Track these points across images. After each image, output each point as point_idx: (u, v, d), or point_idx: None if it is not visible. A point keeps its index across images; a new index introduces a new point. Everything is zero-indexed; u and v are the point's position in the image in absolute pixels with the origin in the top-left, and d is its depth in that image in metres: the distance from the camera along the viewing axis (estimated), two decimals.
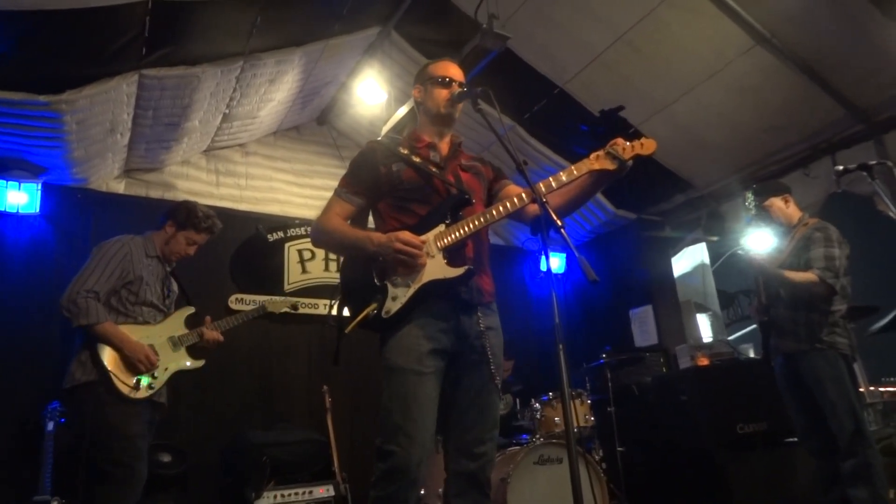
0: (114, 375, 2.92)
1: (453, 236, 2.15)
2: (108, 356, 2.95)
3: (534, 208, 2.12)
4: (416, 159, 2.28)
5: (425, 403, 2.05)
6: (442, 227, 2.17)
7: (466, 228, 2.15)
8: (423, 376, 2.06)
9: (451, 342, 2.14)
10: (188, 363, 3.23)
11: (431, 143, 2.36)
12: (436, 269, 2.14)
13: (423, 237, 2.15)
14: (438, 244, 2.15)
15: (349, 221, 2.31)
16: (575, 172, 2.10)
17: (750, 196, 3.60)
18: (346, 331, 2.15)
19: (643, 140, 2.11)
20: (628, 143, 2.10)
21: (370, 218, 2.42)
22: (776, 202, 3.63)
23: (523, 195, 2.12)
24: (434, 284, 2.12)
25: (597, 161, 2.10)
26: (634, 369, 5.28)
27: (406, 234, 2.11)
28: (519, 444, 4.02)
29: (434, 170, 2.28)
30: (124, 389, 2.93)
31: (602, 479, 3.91)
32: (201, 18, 3.83)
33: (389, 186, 2.26)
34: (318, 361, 5.20)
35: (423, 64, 2.52)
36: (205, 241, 3.41)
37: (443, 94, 2.34)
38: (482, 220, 2.15)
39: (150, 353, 3.04)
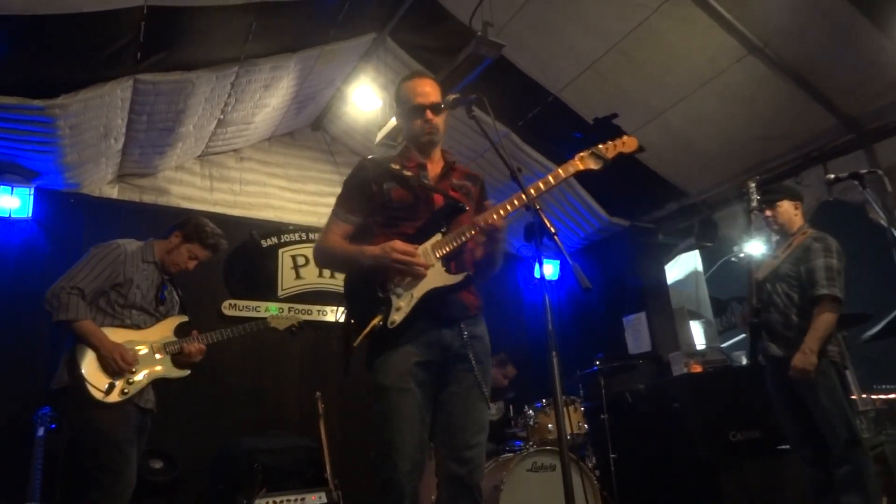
0: (86, 378, 2.86)
1: (452, 244, 2.19)
2: (87, 358, 2.91)
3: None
4: (408, 174, 2.32)
5: (411, 417, 2.10)
6: (439, 237, 2.21)
7: (464, 236, 2.18)
8: (407, 392, 2.11)
9: (436, 354, 2.18)
10: (170, 372, 3.14)
11: (422, 163, 2.39)
12: (436, 277, 2.18)
13: (420, 247, 2.19)
14: (437, 253, 2.19)
15: (351, 238, 2.35)
16: (562, 174, 2.22)
17: (753, 187, 3.54)
18: (355, 344, 2.17)
19: (625, 139, 2.27)
20: (610, 142, 2.25)
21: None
22: (786, 205, 3.60)
23: (514, 201, 2.15)
24: (436, 292, 2.17)
25: (582, 162, 2.24)
26: (628, 376, 5.29)
27: (400, 244, 2.15)
28: (512, 451, 4.02)
29: (425, 184, 2.32)
30: (96, 394, 2.86)
31: (595, 486, 3.91)
32: (196, 24, 3.83)
33: (380, 205, 2.31)
34: (311, 368, 5.19)
35: (399, 81, 2.52)
36: (206, 258, 3.39)
37: (417, 124, 2.37)
38: (477, 226, 2.17)
39: (127, 354, 2.96)
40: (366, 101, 5.24)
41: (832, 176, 3.06)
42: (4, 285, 4.35)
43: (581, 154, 2.23)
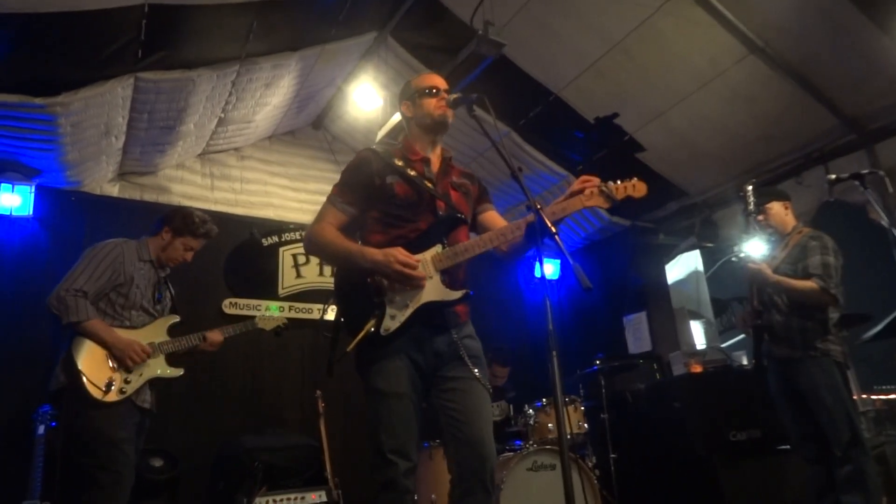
0: (84, 378, 2.86)
1: (453, 261, 2.19)
2: (83, 358, 2.89)
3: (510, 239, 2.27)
4: (412, 172, 2.30)
5: (409, 420, 2.14)
6: (438, 249, 2.20)
7: (467, 252, 2.19)
8: (404, 396, 2.15)
9: (429, 359, 2.20)
10: (165, 371, 3.15)
11: (425, 157, 2.39)
12: (435, 290, 2.17)
13: (418, 257, 2.18)
14: (436, 266, 2.18)
15: (345, 228, 2.33)
16: (568, 210, 2.19)
17: (750, 191, 3.56)
18: (349, 350, 2.18)
19: (635, 182, 2.26)
20: (620, 183, 2.23)
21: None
22: (776, 206, 3.64)
23: (523, 224, 2.16)
24: (432, 305, 2.17)
25: (590, 199, 2.20)
26: (628, 376, 5.29)
27: (402, 254, 2.14)
28: (512, 450, 4.02)
29: (429, 186, 2.30)
30: (94, 393, 2.86)
31: (595, 485, 3.91)
32: (197, 22, 3.83)
33: (381, 198, 2.28)
34: (311, 366, 5.19)
35: (406, 82, 2.55)
36: (201, 246, 3.39)
37: (432, 102, 2.37)
38: (482, 245, 2.20)
39: (144, 346, 3.01)
40: (367, 99, 5.23)
41: (833, 176, 3.07)
42: (5, 283, 4.35)
43: (591, 189, 2.19)
